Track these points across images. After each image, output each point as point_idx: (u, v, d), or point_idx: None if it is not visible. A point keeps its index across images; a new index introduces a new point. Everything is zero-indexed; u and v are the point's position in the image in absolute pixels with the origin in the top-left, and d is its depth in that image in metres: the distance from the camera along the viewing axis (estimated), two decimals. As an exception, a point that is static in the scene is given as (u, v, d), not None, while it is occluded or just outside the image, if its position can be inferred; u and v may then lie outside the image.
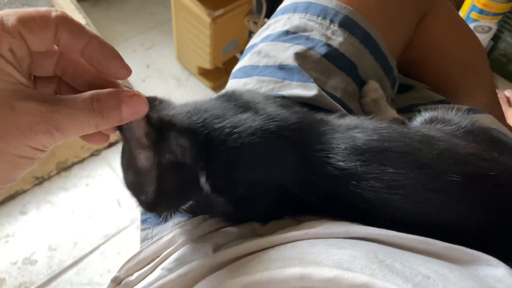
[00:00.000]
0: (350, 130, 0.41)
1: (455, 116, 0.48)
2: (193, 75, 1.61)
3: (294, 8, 0.60)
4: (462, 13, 1.13)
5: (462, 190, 0.37)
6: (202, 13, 1.33)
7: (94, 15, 1.71)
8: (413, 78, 0.72)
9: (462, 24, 0.74)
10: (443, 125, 0.47)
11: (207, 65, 1.49)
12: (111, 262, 1.21)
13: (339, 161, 0.39)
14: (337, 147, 0.39)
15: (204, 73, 1.57)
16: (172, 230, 0.47)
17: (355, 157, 0.38)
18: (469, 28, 0.75)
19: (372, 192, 0.38)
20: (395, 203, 0.38)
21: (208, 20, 1.33)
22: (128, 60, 0.35)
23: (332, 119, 0.45)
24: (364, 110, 0.59)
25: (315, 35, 0.56)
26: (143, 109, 0.34)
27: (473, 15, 1.09)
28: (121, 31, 1.72)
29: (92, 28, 1.22)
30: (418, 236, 0.36)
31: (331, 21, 0.57)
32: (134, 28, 1.74)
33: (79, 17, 1.28)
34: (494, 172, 0.38)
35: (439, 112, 0.50)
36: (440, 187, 0.37)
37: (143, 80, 1.58)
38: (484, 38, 1.15)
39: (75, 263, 1.19)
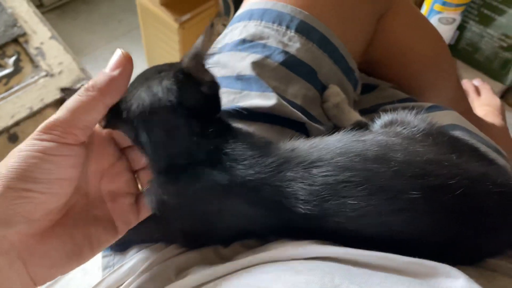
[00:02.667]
0: (311, 168, 0.39)
1: (414, 118, 0.48)
2: (166, 81, 1.59)
3: (249, 15, 0.59)
4: (426, 5, 1.13)
5: (423, 204, 0.37)
6: (169, 19, 1.32)
7: (60, 26, 1.68)
8: (377, 77, 0.72)
9: (422, 20, 0.74)
10: (402, 128, 0.46)
11: (179, 70, 1.47)
12: (92, 278, 1.19)
13: (301, 207, 0.38)
14: (299, 193, 0.38)
15: (176, 79, 1.55)
16: (133, 257, 0.46)
17: (315, 197, 0.38)
18: (430, 24, 0.76)
19: (335, 224, 0.38)
20: (359, 232, 0.38)
21: (175, 25, 1.31)
22: (98, 70, 0.36)
23: (290, 153, 0.41)
24: (327, 115, 0.59)
25: (272, 42, 0.56)
26: None
27: (437, 7, 1.10)
28: (90, 41, 1.69)
29: (59, 40, 1.20)
30: (377, 252, 0.36)
31: (287, 27, 0.56)
32: (103, 37, 1.71)
33: (44, 29, 1.24)
34: (453, 180, 0.38)
35: (398, 115, 0.49)
36: (400, 207, 0.37)
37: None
38: (449, 29, 1.16)
39: (57, 280, 1.17)
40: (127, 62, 0.39)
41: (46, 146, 0.35)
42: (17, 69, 1.15)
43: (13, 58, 1.17)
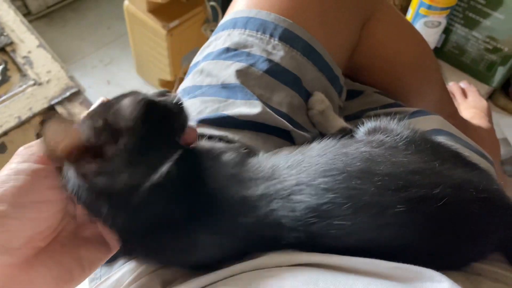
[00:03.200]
0: (290, 196, 0.39)
1: (397, 126, 0.48)
2: (155, 87, 1.59)
3: (233, 24, 0.59)
4: (412, 9, 1.14)
5: (408, 217, 0.37)
6: (157, 26, 1.32)
7: (49, 34, 1.67)
8: (362, 82, 0.72)
9: (406, 25, 0.75)
10: (385, 136, 0.47)
11: (168, 76, 1.48)
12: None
13: (287, 235, 0.38)
14: (285, 222, 0.38)
15: (166, 85, 1.55)
16: (120, 269, 0.45)
17: (300, 222, 0.38)
18: (414, 28, 0.77)
19: (321, 246, 0.38)
20: (345, 248, 0.38)
21: (163, 32, 1.31)
22: (87, 78, 0.36)
23: (268, 183, 0.41)
24: (313, 122, 0.59)
25: (256, 51, 0.56)
26: None
27: (422, 10, 1.11)
28: (79, 48, 1.69)
29: (46, 48, 1.20)
30: (362, 258, 0.36)
31: (271, 36, 0.57)
32: (92, 44, 1.71)
33: (31, 38, 1.23)
34: (436, 189, 0.38)
35: (381, 122, 0.50)
36: (386, 221, 0.37)
37: (105, 97, 1.54)
38: (435, 33, 1.17)
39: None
40: None
41: (18, 168, 0.34)
42: (5, 78, 1.14)
43: (0, 68, 1.16)
